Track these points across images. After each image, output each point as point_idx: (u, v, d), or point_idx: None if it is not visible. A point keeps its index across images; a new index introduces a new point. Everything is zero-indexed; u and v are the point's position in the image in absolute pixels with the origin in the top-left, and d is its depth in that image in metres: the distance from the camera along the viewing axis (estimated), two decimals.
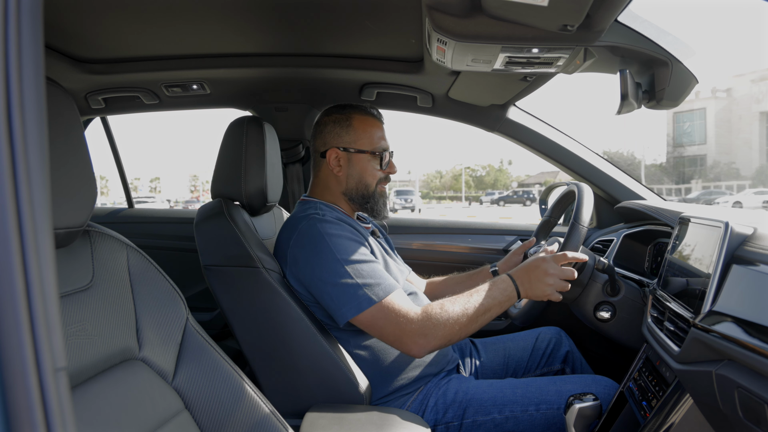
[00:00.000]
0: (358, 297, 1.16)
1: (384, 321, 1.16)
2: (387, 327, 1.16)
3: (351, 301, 1.17)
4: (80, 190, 0.71)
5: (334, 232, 1.23)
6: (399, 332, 1.16)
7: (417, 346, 1.15)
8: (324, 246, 1.21)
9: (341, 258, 1.19)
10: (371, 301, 1.16)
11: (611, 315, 1.34)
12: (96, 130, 2.71)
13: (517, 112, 1.90)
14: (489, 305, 1.20)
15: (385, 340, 1.20)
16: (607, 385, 1.29)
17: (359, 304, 1.16)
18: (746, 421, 0.73)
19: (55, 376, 0.41)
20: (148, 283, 0.85)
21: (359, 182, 1.37)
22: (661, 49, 1.17)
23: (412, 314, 1.16)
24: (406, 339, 1.15)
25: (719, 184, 33.57)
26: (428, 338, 1.15)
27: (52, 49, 1.56)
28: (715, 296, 0.84)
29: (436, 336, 1.15)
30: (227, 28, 1.46)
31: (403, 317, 1.16)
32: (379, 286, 1.18)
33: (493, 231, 2.13)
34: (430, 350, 1.17)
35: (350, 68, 1.71)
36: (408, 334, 1.15)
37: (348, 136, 1.37)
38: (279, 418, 0.93)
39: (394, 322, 1.16)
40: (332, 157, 1.37)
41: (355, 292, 1.17)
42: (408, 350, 1.17)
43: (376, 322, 1.17)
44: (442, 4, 1.04)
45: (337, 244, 1.21)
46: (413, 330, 1.15)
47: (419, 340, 1.15)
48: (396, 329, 1.16)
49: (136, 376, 0.78)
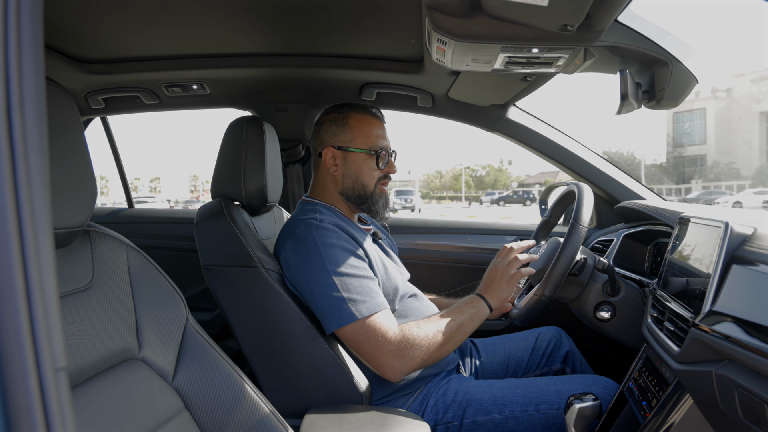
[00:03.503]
0: (342, 311, 1.16)
1: (363, 339, 1.16)
2: (364, 346, 1.16)
3: (334, 314, 1.16)
4: (80, 190, 0.71)
5: (328, 241, 1.22)
6: (376, 352, 1.16)
7: (392, 369, 1.16)
8: (316, 254, 1.20)
9: (331, 269, 1.18)
10: (353, 317, 1.15)
11: (611, 315, 1.34)
12: (96, 130, 2.72)
13: (517, 112, 1.90)
14: (461, 321, 1.24)
15: (362, 359, 1.20)
16: (607, 385, 1.29)
17: (341, 318, 1.16)
18: (746, 421, 0.73)
19: (55, 376, 0.41)
20: (148, 283, 0.85)
21: (355, 182, 1.36)
22: (661, 49, 1.17)
23: (390, 334, 1.16)
24: (382, 360, 1.16)
25: (719, 184, 33.56)
26: (404, 360, 1.15)
27: (52, 49, 1.56)
28: (715, 296, 0.83)
29: (412, 357, 1.16)
30: (227, 28, 1.46)
31: (381, 337, 1.15)
32: (365, 303, 1.17)
33: (493, 231, 2.13)
34: (406, 373, 1.17)
35: (350, 68, 1.71)
36: (384, 354, 1.15)
37: (344, 135, 1.36)
38: (279, 418, 0.93)
39: (372, 341, 1.15)
40: (328, 156, 1.36)
41: (339, 306, 1.16)
42: (383, 373, 1.17)
43: (356, 338, 1.17)
44: (442, 4, 1.04)
45: (330, 254, 1.20)
46: (389, 351, 1.15)
47: (395, 363, 1.15)
48: (373, 349, 1.16)
49: (136, 376, 0.78)
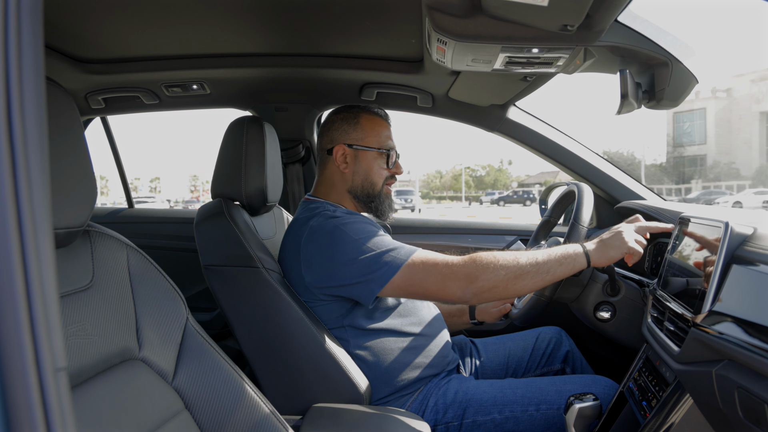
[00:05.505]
0: (387, 262, 1.15)
1: (422, 274, 1.13)
2: (427, 278, 1.12)
3: (380, 268, 1.15)
4: (80, 190, 0.71)
5: (347, 221, 1.23)
6: (441, 277, 1.12)
7: (460, 289, 1.11)
8: (339, 233, 1.21)
9: (358, 238, 1.19)
10: (401, 261, 1.14)
11: (611, 315, 1.34)
12: (96, 130, 2.71)
13: (517, 112, 1.90)
14: (548, 259, 1.13)
15: (427, 292, 1.15)
16: (607, 385, 1.29)
17: (388, 269, 1.14)
18: (746, 421, 0.73)
19: (55, 376, 0.41)
20: (148, 283, 0.85)
21: (365, 180, 1.38)
22: (661, 49, 1.17)
23: (449, 259, 1.14)
24: (449, 282, 1.11)
25: (719, 184, 33.57)
26: (471, 280, 1.10)
27: (52, 49, 1.56)
28: (715, 296, 0.84)
29: (480, 279, 1.10)
30: (227, 28, 1.46)
31: (441, 263, 1.13)
32: (403, 248, 1.18)
33: (493, 231, 2.13)
34: (475, 293, 1.11)
35: (350, 68, 1.71)
36: (450, 277, 1.11)
37: (355, 133, 1.38)
38: (279, 418, 0.93)
39: (432, 270, 1.13)
40: (339, 154, 1.37)
41: (379, 260, 1.16)
42: (452, 293, 1.12)
43: (414, 278, 1.14)
44: (442, 4, 1.04)
45: (352, 228, 1.21)
46: (456, 272, 1.11)
47: (461, 283, 1.11)
48: (437, 276, 1.12)
49: (136, 376, 0.78)
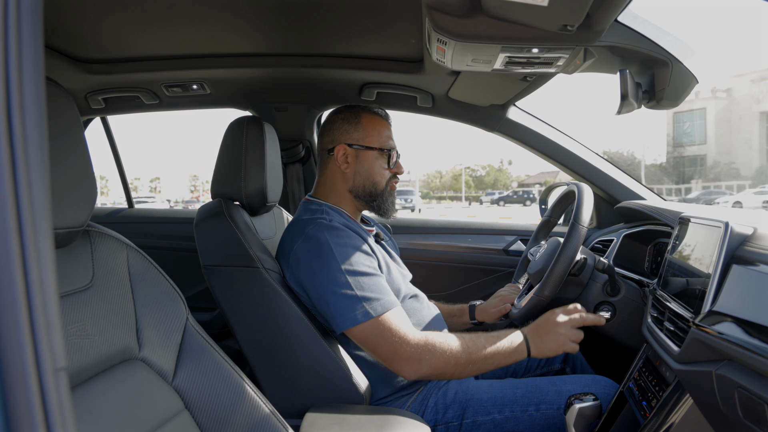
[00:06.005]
0: (356, 309, 1.15)
1: (379, 338, 1.15)
2: (381, 345, 1.16)
3: (347, 313, 1.16)
4: (80, 190, 0.71)
5: (340, 241, 1.22)
6: (392, 351, 1.15)
7: (409, 368, 1.15)
8: (329, 253, 1.20)
9: (344, 268, 1.18)
10: (368, 316, 1.15)
11: (611, 315, 1.34)
12: (96, 130, 2.71)
13: (517, 112, 1.90)
14: (492, 353, 1.18)
15: (377, 357, 1.20)
16: (607, 385, 1.29)
17: (355, 317, 1.15)
18: (746, 421, 0.73)
19: (55, 376, 0.41)
20: (148, 283, 0.85)
21: (366, 179, 1.37)
22: (661, 49, 1.17)
23: (409, 335, 1.15)
24: (399, 359, 1.15)
25: (719, 184, 33.55)
26: (421, 363, 1.14)
27: (52, 49, 1.56)
28: (715, 296, 0.83)
29: (429, 364, 1.14)
30: (227, 28, 1.46)
31: (398, 337, 1.15)
32: (379, 301, 1.17)
33: (493, 231, 2.13)
34: (421, 377, 1.16)
35: (350, 68, 1.71)
36: (401, 355, 1.14)
37: (357, 133, 1.37)
38: (279, 418, 0.93)
39: (389, 340, 1.15)
40: (340, 154, 1.37)
41: (353, 305, 1.16)
42: (399, 371, 1.16)
43: (371, 338, 1.16)
44: (442, 4, 1.04)
45: (342, 252, 1.20)
46: (407, 352, 1.14)
47: (412, 364, 1.14)
48: (390, 348, 1.15)
49: (136, 376, 0.78)
